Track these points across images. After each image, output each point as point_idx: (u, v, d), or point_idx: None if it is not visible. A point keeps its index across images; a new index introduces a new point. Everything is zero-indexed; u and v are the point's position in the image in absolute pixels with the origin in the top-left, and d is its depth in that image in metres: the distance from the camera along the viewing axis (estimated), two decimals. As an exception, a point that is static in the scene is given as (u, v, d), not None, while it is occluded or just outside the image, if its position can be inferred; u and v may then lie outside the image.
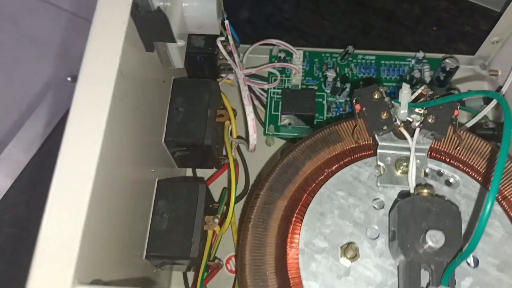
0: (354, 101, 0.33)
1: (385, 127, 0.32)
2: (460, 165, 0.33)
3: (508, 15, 0.44)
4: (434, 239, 0.26)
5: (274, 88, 0.47)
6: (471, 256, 0.30)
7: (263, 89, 0.47)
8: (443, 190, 0.32)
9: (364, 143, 0.34)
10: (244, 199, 0.44)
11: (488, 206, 0.24)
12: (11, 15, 0.65)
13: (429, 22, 0.55)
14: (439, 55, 0.48)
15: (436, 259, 0.26)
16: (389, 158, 0.33)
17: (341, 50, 0.49)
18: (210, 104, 0.38)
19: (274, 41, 0.47)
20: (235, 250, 0.42)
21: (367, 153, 0.34)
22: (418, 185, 0.30)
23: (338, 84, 0.46)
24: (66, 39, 0.63)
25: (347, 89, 0.46)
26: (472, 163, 0.33)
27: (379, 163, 0.33)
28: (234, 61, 0.41)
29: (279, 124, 0.45)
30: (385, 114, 0.32)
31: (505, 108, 0.26)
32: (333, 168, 0.34)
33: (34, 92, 0.57)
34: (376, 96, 0.33)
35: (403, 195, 0.31)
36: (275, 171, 0.34)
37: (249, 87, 0.46)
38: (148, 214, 0.35)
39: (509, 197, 0.32)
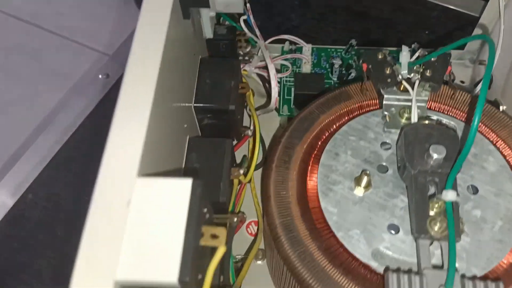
0: (361, 62, 0.39)
1: (389, 80, 0.37)
2: (456, 114, 0.38)
3: (486, 17, 0.51)
4: (437, 151, 0.30)
5: (286, 77, 0.53)
6: (470, 186, 0.34)
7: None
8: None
9: (370, 101, 0.40)
10: (261, 170, 0.48)
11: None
12: (35, 50, 0.70)
13: (422, 28, 0.62)
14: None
15: (439, 171, 0.31)
16: (393, 108, 0.37)
17: (345, 47, 0.55)
18: (234, 76, 0.43)
19: (286, 36, 0.53)
20: (256, 216, 0.46)
21: (374, 108, 0.39)
22: (420, 118, 0.34)
23: (344, 71, 0.52)
24: (86, 73, 0.68)
25: (352, 75, 0.51)
26: (466, 113, 0.38)
27: (385, 112, 0.37)
28: (256, 34, 0.47)
29: (291, 106, 0.51)
30: (388, 70, 0.37)
31: (491, 47, 0.32)
32: (344, 120, 0.38)
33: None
34: (380, 57, 0.38)
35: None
36: (294, 122, 0.39)
37: (263, 78, 0.52)
38: (181, 166, 0.39)
39: (500, 139, 0.37)
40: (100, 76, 0.59)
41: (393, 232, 0.32)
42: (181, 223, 0.25)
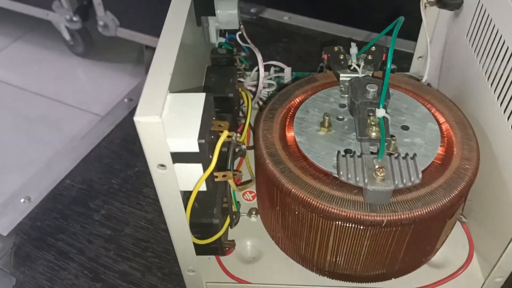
0: (323, 53, 0.54)
1: (342, 63, 0.52)
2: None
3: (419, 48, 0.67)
4: (371, 87, 0.44)
5: (272, 91, 0.68)
6: (402, 126, 0.47)
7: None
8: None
9: (331, 83, 0.54)
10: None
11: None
12: (55, 121, 0.86)
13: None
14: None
15: (374, 102, 0.45)
16: (347, 83, 0.52)
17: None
18: (232, 76, 0.58)
19: (271, 62, 0.69)
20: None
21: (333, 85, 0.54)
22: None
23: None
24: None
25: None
26: (399, 84, 0.53)
27: (341, 85, 0.52)
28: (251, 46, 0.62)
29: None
30: (342, 57, 0.52)
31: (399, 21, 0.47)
32: (313, 93, 0.53)
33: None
34: (336, 49, 0.54)
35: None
36: (275, 96, 0.53)
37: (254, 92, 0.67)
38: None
39: (425, 100, 0.51)
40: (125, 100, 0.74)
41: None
42: (199, 112, 0.38)
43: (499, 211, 0.46)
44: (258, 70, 0.64)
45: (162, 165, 0.35)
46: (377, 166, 0.39)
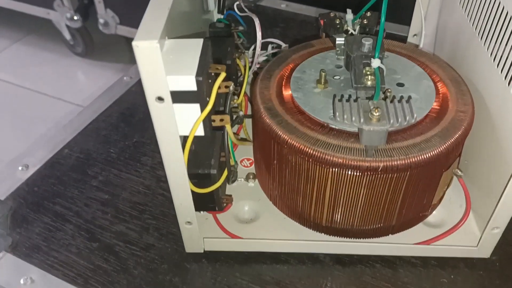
0: (319, 18, 0.55)
1: (338, 27, 0.53)
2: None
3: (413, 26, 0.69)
4: (367, 40, 0.45)
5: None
6: (398, 83, 0.48)
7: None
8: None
9: (327, 47, 0.55)
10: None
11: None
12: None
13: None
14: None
15: (370, 55, 0.45)
16: (343, 46, 0.53)
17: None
18: (229, 45, 0.59)
19: (269, 39, 0.70)
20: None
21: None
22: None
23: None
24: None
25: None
26: (394, 49, 0.53)
27: (337, 49, 0.52)
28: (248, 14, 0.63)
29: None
30: (337, 21, 0.53)
31: None
32: (309, 56, 0.53)
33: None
34: (332, 15, 0.55)
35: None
36: (273, 60, 0.53)
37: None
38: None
39: (419, 62, 0.51)
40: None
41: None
42: (197, 53, 0.38)
43: (493, 163, 0.46)
44: (255, 49, 0.65)
45: (161, 98, 0.36)
46: (372, 107, 0.39)
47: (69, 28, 1.53)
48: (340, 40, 0.52)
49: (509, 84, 0.42)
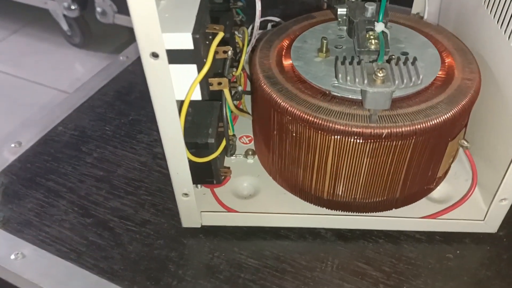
0: (321, -10, 0.53)
1: (341, -3, 0.51)
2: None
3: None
4: (370, 5, 0.44)
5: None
6: (402, 52, 0.46)
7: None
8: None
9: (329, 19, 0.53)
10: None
11: None
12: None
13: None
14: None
15: (373, 20, 0.44)
16: (345, 17, 0.51)
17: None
18: (229, 19, 0.57)
19: (269, 17, 0.69)
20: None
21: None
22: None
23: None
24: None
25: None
26: (398, 20, 0.52)
27: (339, 19, 0.51)
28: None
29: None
30: (341, -8, 0.52)
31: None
32: (310, 27, 0.52)
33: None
34: (335, -13, 0.53)
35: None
36: (273, 31, 0.52)
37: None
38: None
39: (423, 32, 0.50)
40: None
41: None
42: (194, 10, 0.37)
43: (500, 133, 0.44)
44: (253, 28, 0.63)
45: (155, 55, 0.34)
46: (376, 68, 0.38)
47: (67, 18, 1.52)
48: (342, 11, 0.51)
49: (518, 49, 0.41)
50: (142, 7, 0.32)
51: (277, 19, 0.69)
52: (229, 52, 0.42)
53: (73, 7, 1.44)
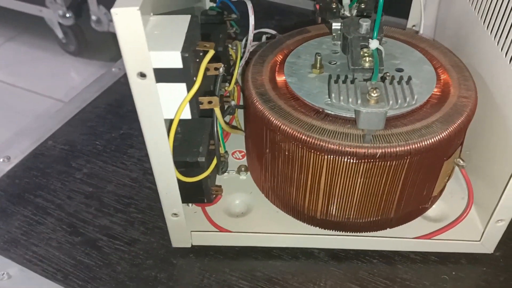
0: (315, 3, 0.52)
1: (335, 11, 0.51)
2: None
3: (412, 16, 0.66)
4: (365, 22, 0.43)
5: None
6: (397, 68, 0.45)
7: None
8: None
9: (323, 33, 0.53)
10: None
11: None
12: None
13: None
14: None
15: (368, 36, 0.43)
16: (339, 32, 0.50)
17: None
18: (222, 31, 0.56)
19: (263, 29, 0.68)
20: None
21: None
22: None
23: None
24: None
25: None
26: (394, 35, 0.51)
27: (333, 33, 0.50)
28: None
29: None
30: (334, 5, 0.51)
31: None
32: (304, 42, 0.51)
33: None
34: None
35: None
36: (266, 45, 0.51)
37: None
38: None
39: (419, 47, 0.49)
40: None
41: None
42: (184, 29, 0.36)
43: (497, 152, 0.44)
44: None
45: (143, 75, 0.33)
46: (370, 88, 0.37)
47: (62, 26, 1.51)
48: (336, 25, 0.50)
49: (514, 67, 0.40)
50: (128, 26, 0.31)
51: (272, 32, 0.69)
52: (221, 69, 0.41)
53: (68, 15, 1.44)
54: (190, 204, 0.49)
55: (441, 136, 0.40)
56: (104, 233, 0.49)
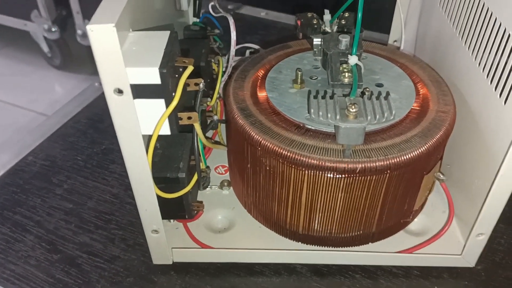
0: (296, 19, 0.53)
1: (315, 27, 0.51)
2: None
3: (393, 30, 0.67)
4: (344, 38, 0.43)
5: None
6: (377, 83, 0.46)
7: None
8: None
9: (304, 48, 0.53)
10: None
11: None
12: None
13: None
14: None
15: (347, 52, 0.43)
16: (320, 46, 0.51)
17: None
18: (204, 47, 0.56)
19: (247, 44, 0.68)
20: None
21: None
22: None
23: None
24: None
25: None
26: (374, 50, 0.52)
27: (314, 49, 0.50)
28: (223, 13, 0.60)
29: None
30: (315, 21, 0.52)
31: None
32: (285, 57, 0.51)
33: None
34: (309, 16, 0.53)
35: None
36: (247, 60, 0.51)
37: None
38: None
39: (399, 62, 0.49)
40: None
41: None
42: (162, 44, 0.36)
43: (477, 167, 0.44)
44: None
45: (120, 91, 0.33)
46: (349, 103, 0.37)
47: (47, 40, 1.50)
48: (317, 41, 0.50)
49: (491, 82, 0.40)
50: (104, 43, 0.30)
51: (255, 46, 0.69)
52: (201, 85, 0.41)
53: (53, 29, 1.43)
54: (171, 220, 0.48)
55: (420, 150, 0.40)
56: (84, 250, 0.48)
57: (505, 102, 0.38)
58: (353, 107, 0.36)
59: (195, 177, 0.44)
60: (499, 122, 0.39)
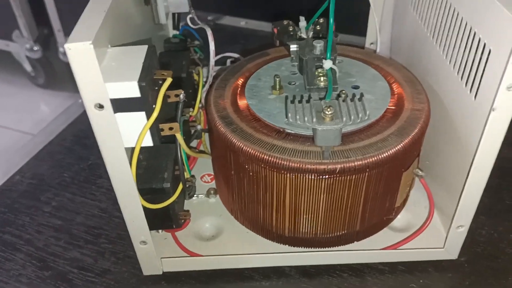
0: (272, 27, 0.54)
1: (292, 34, 0.52)
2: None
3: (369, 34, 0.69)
4: (318, 43, 0.44)
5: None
6: (353, 86, 0.47)
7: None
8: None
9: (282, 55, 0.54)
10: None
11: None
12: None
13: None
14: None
15: (322, 57, 0.44)
16: (296, 52, 0.52)
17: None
18: (185, 58, 0.57)
19: (227, 54, 0.69)
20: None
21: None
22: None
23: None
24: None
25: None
26: (349, 54, 0.53)
27: (292, 55, 0.52)
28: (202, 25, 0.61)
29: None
30: (291, 28, 0.53)
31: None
32: (264, 65, 0.52)
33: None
34: (285, 23, 0.54)
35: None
36: (227, 69, 0.52)
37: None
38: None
39: (374, 64, 0.51)
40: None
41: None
42: (141, 59, 0.37)
43: (452, 160, 0.45)
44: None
45: (100, 106, 0.34)
46: (324, 106, 0.38)
47: (30, 59, 1.50)
48: (293, 47, 0.52)
49: (461, 79, 0.42)
50: (82, 60, 0.31)
51: (235, 55, 0.70)
52: (181, 96, 0.42)
53: (35, 48, 1.43)
54: (160, 231, 0.49)
55: (397, 148, 0.41)
56: (75, 266, 0.49)
57: (475, 97, 0.40)
58: (328, 109, 0.37)
59: (180, 187, 0.45)
60: (470, 117, 0.41)
